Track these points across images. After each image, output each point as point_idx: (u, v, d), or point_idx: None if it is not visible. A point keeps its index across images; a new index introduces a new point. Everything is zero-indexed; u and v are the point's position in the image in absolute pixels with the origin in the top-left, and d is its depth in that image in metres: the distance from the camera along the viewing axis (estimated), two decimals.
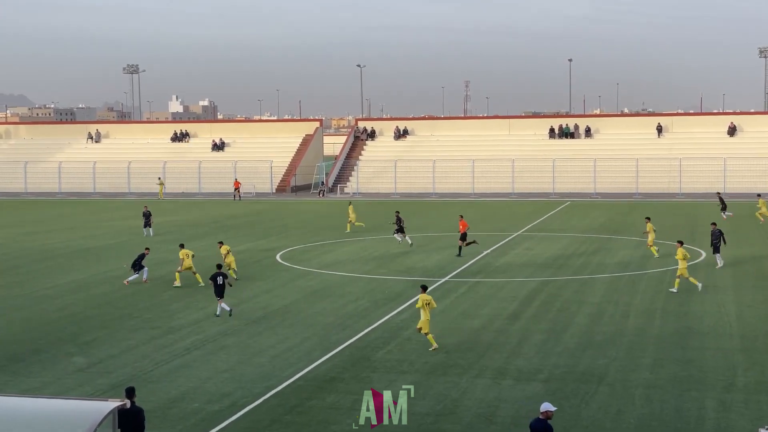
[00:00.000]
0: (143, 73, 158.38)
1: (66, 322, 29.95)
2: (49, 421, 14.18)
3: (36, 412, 14.54)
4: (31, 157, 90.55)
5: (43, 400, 15.70)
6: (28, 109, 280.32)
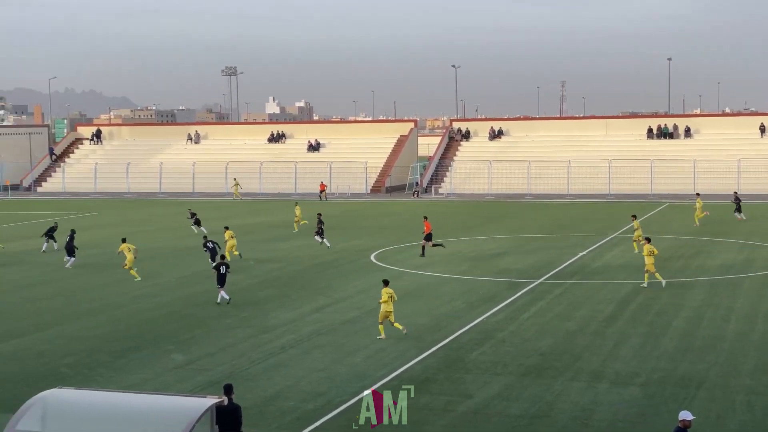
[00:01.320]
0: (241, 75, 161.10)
1: (166, 320, 30.59)
2: (149, 416, 14.50)
3: (137, 408, 14.89)
4: (133, 157, 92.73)
5: (143, 396, 16.06)
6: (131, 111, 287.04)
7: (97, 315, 31.44)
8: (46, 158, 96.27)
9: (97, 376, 23.78)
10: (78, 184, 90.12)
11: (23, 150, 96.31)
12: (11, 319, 30.74)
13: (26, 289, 36.56)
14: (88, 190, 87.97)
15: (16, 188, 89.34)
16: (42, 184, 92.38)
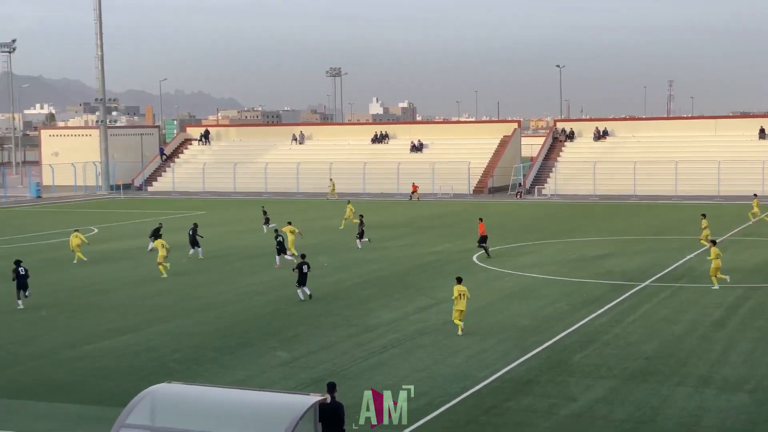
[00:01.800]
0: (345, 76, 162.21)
1: (271, 317, 31.07)
2: (254, 413, 14.75)
3: (242, 404, 15.15)
4: (239, 158, 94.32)
5: (248, 393, 16.33)
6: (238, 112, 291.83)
7: (205, 312, 32.12)
8: (156, 158, 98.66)
9: (203, 372, 24.30)
10: (187, 183, 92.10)
11: (135, 150, 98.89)
12: (124, 315, 31.63)
13: (137, 286, 37.56)
14: (196, 189, 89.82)
15: (127, 188, 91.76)
16: (152, 183, 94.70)
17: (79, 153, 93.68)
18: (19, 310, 32.47)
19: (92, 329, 29.54)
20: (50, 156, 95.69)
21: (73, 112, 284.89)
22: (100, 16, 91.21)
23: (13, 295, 33.27)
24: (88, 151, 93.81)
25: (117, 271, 41.48)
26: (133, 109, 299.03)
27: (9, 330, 29.56)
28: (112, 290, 36.61)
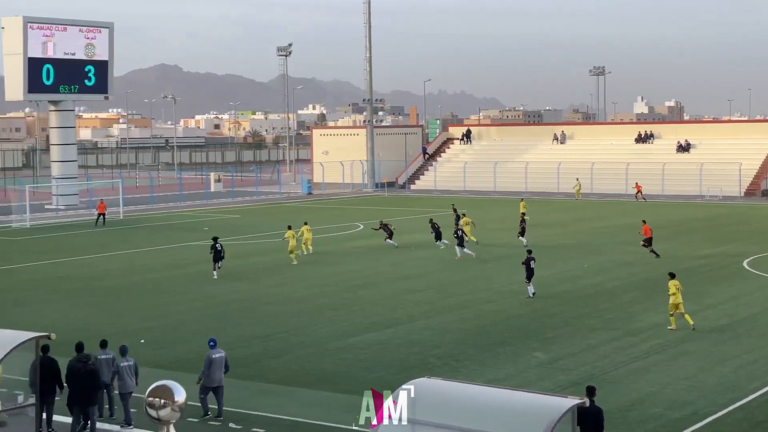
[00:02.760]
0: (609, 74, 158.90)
1: (530, 317, 31.01)
2: (512, 411, 14.77)
3: (500, 402, 15.21)
4: (500, 157, 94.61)
5: (506, 392, 16.37)
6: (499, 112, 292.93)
7: (465, 309, 32.51)
8: (419, 157, 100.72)
9: (462, 368, 24.63)
10: (448, 182, 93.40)
11: (399, 149, 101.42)
12: (388, 309, 32.59)
13: (402, 281, 38.55)
14: (457, 188, 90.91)
15: (391, 186, 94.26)
16: (415, 182, 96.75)
17: (347, 152, 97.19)
18: (290, 302, 34.21)
19: (358, 322, 30.64)
20: (320, 154, 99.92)
21: (343, 112, 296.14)
22: (369, 19, 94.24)
23: (211, 267, 39.31)
24: (356, 149, 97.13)
25: (382, 265, 42.74)
26: (398, 109, 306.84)
27: (280, 320, 31.18)
28: (378, 284, 37.78)
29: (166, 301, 34.55)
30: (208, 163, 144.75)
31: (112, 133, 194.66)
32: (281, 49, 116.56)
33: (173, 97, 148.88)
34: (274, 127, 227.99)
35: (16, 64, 72.94)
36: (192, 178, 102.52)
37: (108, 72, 78.19)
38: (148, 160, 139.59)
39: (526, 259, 34.33)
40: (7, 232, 58.84)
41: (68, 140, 77.04)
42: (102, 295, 35.99)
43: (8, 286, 38.55)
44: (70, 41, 75.27)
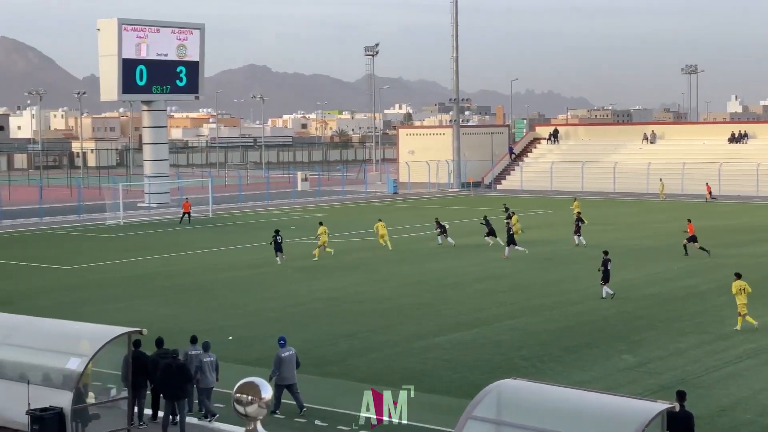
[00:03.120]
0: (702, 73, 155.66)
1: (617, 319, 30.61)
2: (599, 415, 14.61)
3: (587, 405, 15.05)
4: (588, 157, 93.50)
5: (593, 394, 16.19)
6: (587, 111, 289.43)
7: (551, 310, 32.23)
8: (505, 157, 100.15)
9: (548, 370, 24.43)
10: (534, 182, 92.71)
11: (485, 149, 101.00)
12: (473, 309, 32.50)
13: (487, 281, 38.39)
14: (543, 188, 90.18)
15: (477, 185, 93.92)
16: (501, 182, 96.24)
17: (433, 151, 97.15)
18: (375, 301, 34.35)
19: (443, 321, 30.62)
20: (406, 154, 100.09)
21: (429, 112, 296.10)
22: (456, 19, 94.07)
23: (274, 256, 43.02)
24: (441, 149, 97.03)
25: (467, 265, 42.62)
26: (484, 109, 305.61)
27: (365, 319, 31.32)
28: (463, 284, 37.69)
29: (253, 299, 35.00)
30: (295, 162, 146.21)
31: (202, 133, 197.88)
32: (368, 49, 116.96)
33: (262, 97, 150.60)
34: (360, 127, 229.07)
35: (111, 65, 74.69)
36: (279, 177, 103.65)
37: (199, 72, 79.56)
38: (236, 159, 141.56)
39: (603, 261, 34.03)
40: (101, 229, 60.28)
41: (160, 139, 78.62)
42: (191, 292, 36.63)
43: (101, 282, 39.50)
44: (162, 42, 76.79)
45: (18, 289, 37.94)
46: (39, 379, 19.37)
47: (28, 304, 33.35)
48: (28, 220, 64.96)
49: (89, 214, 67.48)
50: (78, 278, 40.58)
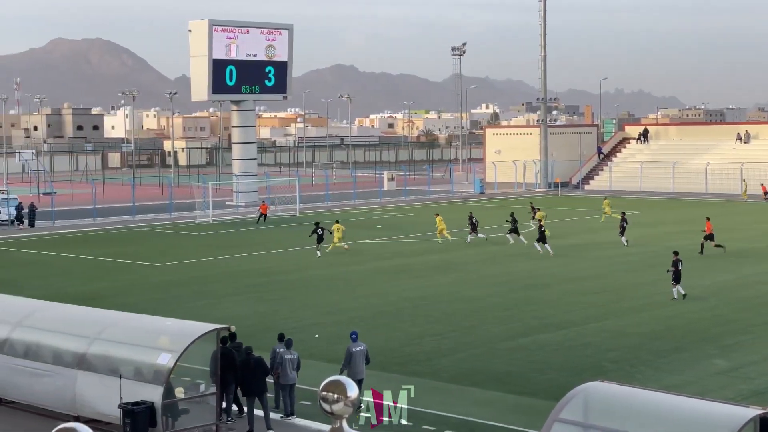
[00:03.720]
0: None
1: (709, 323, 30.01)
2: (687, 420, 14.35)
3: (677, 410, 14.78)
4: (679, 157, 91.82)
5: (681, 399, 15.89)
6: (679, 111, 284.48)
7: (641, 312, 31.75)
8: (594, 157, 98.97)
9: (637, 373, 24.07)
10: (623, 182, 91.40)
11: (573, 149, 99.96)
12: (561, 311, 32.20)
13: (573, 282, 37.98)
14: (633, 188, 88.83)
15: (565, 185, 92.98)
16: (589, 182, 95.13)
17: (520, 151, 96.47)
18: (461, 301, 34.28)
19: (529, 322, 30.40)
20: (493, 154, 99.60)
21: (516, 111, 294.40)
22: (544, 17, 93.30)
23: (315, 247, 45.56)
24: (528, 149, 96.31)
25: (553, 266, 42.23)
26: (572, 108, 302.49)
27: (451, 319, 31.28)
28: (550, 285, 37.37)
29: (341, 298, 35.23)
30: (381, 161, 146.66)
31: (289, 132, 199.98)
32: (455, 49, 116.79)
33: (349, 96, 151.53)
34: (447, 126, 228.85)
35: (202, 66, 75.95)
36: (366, 177, 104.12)
37: (287, 72, 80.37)
38: (323, 159, 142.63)
39: (674, 261, 33.59)
40: (191, 227, 61.34)
41: (248, 139, 79.66)
42: (279, 290, 37.03)
43: (190, 279, 40.19)
44: (251, 43, 77.79)
45: (110, 285, 38.84)
46: (131, 373, 19.81)
47: (120, 300, 34.10)
48: (121, 217, 66.45)
49: (179, 212, 68.74)
50: (168, 275, 41.37)
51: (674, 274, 33.56)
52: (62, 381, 20.68)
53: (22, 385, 21.44)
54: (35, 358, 21.46)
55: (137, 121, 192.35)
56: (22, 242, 54.02)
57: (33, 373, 21.24)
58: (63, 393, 20.63)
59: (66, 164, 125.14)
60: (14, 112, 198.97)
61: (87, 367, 20.50)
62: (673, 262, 33.80)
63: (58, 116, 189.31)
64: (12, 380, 21.56)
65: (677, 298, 33.33)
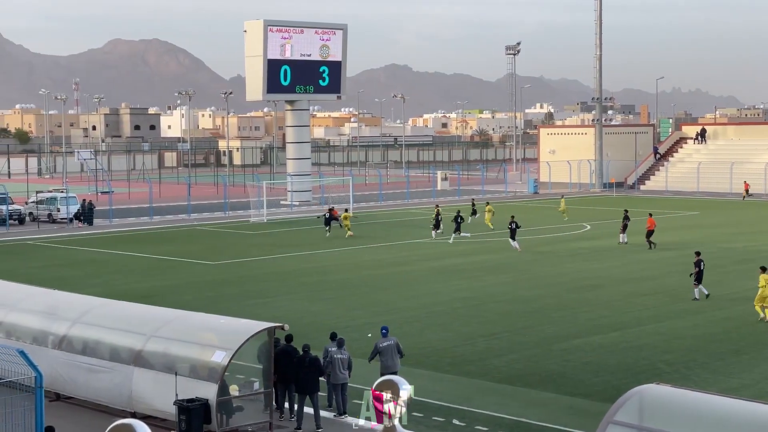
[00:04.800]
0: None
1: (767, 326, 29.52)
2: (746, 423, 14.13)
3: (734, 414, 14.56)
4: (737, 157, 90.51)
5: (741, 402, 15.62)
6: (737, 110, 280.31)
7: (696, 314, 31.36)
8: (650, 157, 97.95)
9: (693, 376, 23.78)
10: (680, 183, 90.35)
11: (629, 149, 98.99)
12: (615, 312, 31.92)
13: (627, 283, 37.61)
14: (690, 189, 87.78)
15: (620, 186, 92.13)
16: (645, 182, 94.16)
17: (574, 151, 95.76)
18: (514, 302, 34.11)
19: (583, 324, 30.17)
20: (547, 153, 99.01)
21: (571, 111, 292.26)
22: (600, 16, 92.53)
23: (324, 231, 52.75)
24: (583, 149, 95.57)
25: (608, 268, 41.88)
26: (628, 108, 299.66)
27: (504, 319, 31.15)
28: (604, 286, 37.06)
29: (394, 297, 35.25)
30: (435, 161, 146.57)
31: (343, 132, 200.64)
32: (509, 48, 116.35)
33: (402, 96, 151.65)
34: (500, 126, 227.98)
35: (257, 66, 76.52)
36: (419, 176, 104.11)
37: (341, 72, 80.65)
38: (377, 158, 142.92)
39: (696, 262, 33.66)
40: (246, 226, 61.82)
41: (303, 138, 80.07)
42: (332, 289, 37.16)
43: (245, 277, 40.49)
44: (306, 43, 78.18)
45: (165, 283, 39.29)
46: (186, 370, 20.01)
47: (175, 298, 34.47)
48: (177, 216, 67.17)
49: (234, 211, 69.32)
50: (222, 274, 41.72)
51: (696, 275, 33.61)
52: (119, 377, 20.96)
53: (80, 381, 21.77)
54: (93, 354, 21.79)
55: (193, 121, 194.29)
56: (81, 240, 54.87)
57: (91, 369, 21.57)
58: (120, 389, 20.91)
59: (123, 163, 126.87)
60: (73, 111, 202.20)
61: (143, 363, 20.76)
62: (696, 263, 33.71)
63: (116, 116, 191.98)
64: (70, 376, 21.91)
65: (699, 298, 33.34)
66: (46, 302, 24.74)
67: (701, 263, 33.70)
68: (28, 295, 25.77)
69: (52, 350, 22.36)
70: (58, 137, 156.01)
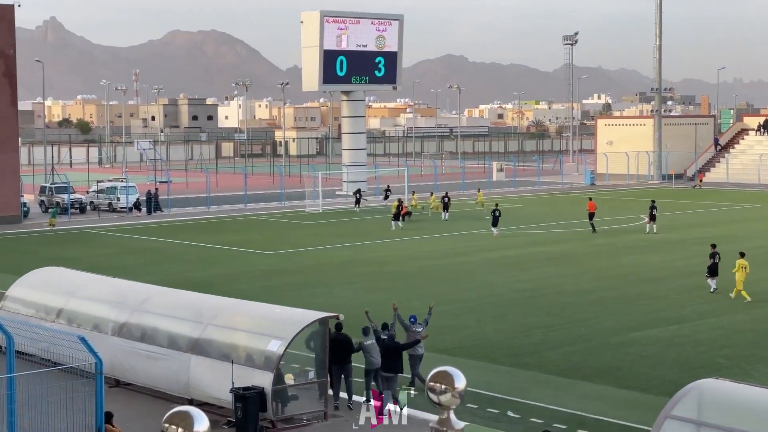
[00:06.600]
0: None
1: None
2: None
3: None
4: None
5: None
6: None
7: (756, 309, 30.88)
8: (710, 148, 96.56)
9: (753, 371, 23.44)
10: (742, 175, 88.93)
11: (688, 140, 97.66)
12: (674, 305, 31.57)
13: (688, 277, 37.07)
14: (751, 181, 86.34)
15: (679, 178, 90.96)
16: (705, 174, 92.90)
17: (632, 142, 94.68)
18: (572, 294, 33.85)
19: (641, 317, 29.85)
20: (604, 145, 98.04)
21: (629, 101, 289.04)
22: (660, 5, 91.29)
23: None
24: (641, 140, 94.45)
25: (668, 261, 41.39)
26: (688, 99, 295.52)
27: (561, 311, 30.94)
28: (663, 279, 36.64)
29: (451, 288, 35.18)
30: (490, 152, 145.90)
31: (399, 123, 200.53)
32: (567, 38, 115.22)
33: (458, 87, 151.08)
34: (557, 117, 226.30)
35: (313, 57, 76.73)
36: (475, 167, 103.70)
37: (397, 63, 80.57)
38: (432, 149, 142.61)
39: (711, 254, 33.38)
40: (302, 216, 62.11)
41: (358, 129, 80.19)
42: (389, 279, 37.20)
43: (300, 267, 40.69)
44: (362, 33, 78.21)
45: (222, 272, 39.62)
46: (242, 359, 20.17)
47: (231, 287, 34.75)
48: (234, 206, 67.69)
49: (290, 201, 69.69)
50: (279, 263, 41.98)
51: (709, 267, 33.42)
52: (176, 365, 21.20)
53: (139, 368, 22.06)
54: (151, 341, 22.06)
55: (250, 111, 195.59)
56: (140, 229, 55.58)
57: (149, 356, 21.84)
58: (177, 376, 21.15)
59: (181, 153, 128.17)
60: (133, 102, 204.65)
61: (200, 351, 20.97)
62: (711, 255, 33.43)
63: (175, 106, 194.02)
64: (129, 363, 22.20)
65: (713, 292, 33.10)
66: (107, 290, 25.11)
67: (716, 255, 33.33)
68: (89, 282, 26.16)
69: (112, 337, 22.68)
70: (118, 127, 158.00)
